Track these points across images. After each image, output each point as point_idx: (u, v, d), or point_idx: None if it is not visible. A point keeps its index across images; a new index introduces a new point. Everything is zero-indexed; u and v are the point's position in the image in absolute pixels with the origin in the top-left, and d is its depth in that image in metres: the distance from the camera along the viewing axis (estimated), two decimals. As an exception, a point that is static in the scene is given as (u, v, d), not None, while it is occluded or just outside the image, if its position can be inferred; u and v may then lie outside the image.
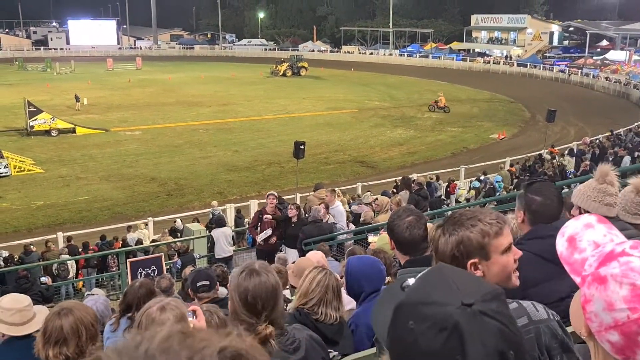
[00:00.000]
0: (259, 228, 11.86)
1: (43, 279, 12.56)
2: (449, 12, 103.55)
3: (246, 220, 18.87)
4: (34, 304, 3.95)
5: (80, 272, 16.05)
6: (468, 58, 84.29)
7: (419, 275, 1.36)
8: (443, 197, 20.99)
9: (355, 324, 3.90)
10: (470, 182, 22.89)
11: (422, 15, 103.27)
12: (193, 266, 10.79)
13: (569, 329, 2.02)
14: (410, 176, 17.18)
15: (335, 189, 13.83)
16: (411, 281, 1.72)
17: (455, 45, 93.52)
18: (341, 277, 6.09)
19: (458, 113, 46.67)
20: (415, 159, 32.02)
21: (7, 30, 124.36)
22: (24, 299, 3.85)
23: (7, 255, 15.42)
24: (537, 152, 27.19)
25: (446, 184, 22.25)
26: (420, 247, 3.03)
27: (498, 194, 18.52)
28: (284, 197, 14.95)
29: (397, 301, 1.29)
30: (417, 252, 3.00)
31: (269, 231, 11.71)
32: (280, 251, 11.55)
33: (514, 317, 1.30)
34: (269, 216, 11.72)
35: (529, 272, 2.82)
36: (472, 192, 20.83)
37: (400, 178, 17.48)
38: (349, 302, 4.90)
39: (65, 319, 2.87)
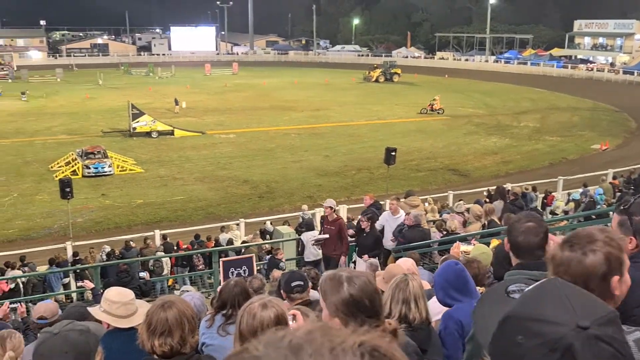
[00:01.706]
0: (320, 233, 12.11)
1: (142, 274, 13.11)
2: (550, 17, 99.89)
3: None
4: (131, 298, 4.13)
5: (172, 269, 16.64)
6: (569, 65, 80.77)
7: (532, 286, 1.29)
8: (539, 208, 20.19)
9: (444, 323, 3.91)
10: (569, 194, 21.90)
11: (522, 20, 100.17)
12: (282, 269, 10.94)
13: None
14: (504, 186, 16.66)
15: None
16: (513, 287, 1.65)
17: (555, 51, 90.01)
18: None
19: (557, 122, 44.92)
20: (510, 169, 31.05)
21: (114, 36, 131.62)
22: (128, 293, 4.04)
23: (109, 250, 16.24)
24: (644, 165, 25.67)
25: (543, 195, 21.38)
26: (535, 253, 2.95)
27: (599, 207, 17.60)
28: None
29: (501, 305, 1.25)
30: (531, 257, 2.93)
31: (326, 236, 11.84)
32: (354, 262, 11.64)
33: (627, 344, 1.24)
34: (324, 237, 11.93)
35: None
36: (571, 204, 19.90)
37: (494, 187, 16.99)
38: (440, 312, 4.80)
39: (169, 311, 2.97)
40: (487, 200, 16.28)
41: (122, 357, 3.40)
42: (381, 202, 14.37)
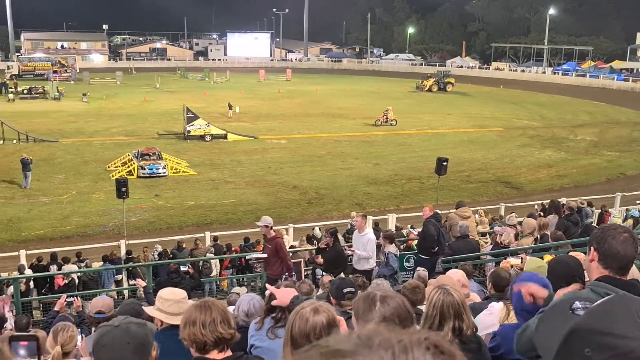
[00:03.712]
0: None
1: (183, 268, 13.09)
2: (611, 29, 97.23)
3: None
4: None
5: (223, 271, 16.83)
6: (631, 78, 78.35)
7: (600, 301, 1.28)
8: (595, 224, 19.59)
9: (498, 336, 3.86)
10: (627, 210, 21.19)
11: (581, 32, 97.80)
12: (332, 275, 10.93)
13: None
14: (559, 200, 16.26)
15: (366, 216, 12.88)
16: (578, 304, 1.63)
17: (616, 64, 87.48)
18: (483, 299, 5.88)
19: (616, 136, 43.62)
20: (564, 183, 30.29)
21: (172, 41, 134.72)
22: (181, 292, 4.20)
23: (161, 250, 16.58)
24: None
25: (599, 211, 20.76)
26: (628, 266, 2.87)
27: (658, 225, 16.96)
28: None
29: (565, 322, 1.25)
30: (622, 270, 2.85)
31: (264, 255, 10.93)
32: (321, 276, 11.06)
33: None
34: (263, 255, 11.00)
35: None
36: (630, 221, 19.23)
37: (548, 201, 16.60)
38: (490, 325, 4.72)
39: (211, 311, 3.04)
40: (541, 214, 15.93)
41: (173, 355, 3.48)
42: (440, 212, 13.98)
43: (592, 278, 2.93)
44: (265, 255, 10.91)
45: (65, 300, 7.43)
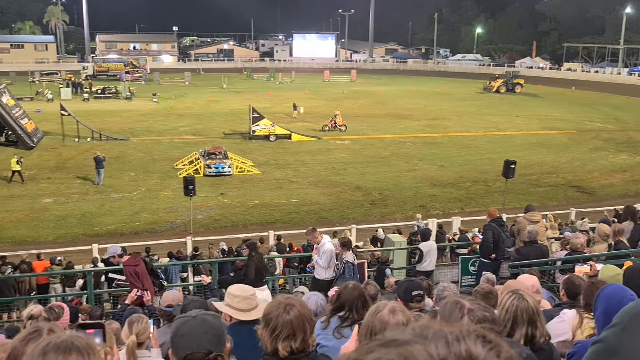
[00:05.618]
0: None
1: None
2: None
3: (447, 235, 18.55)
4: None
5: (282, 270, 16.97)
6: None
7: None
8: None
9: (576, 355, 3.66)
10: None
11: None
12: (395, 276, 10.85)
13: None
14: (635, 206, 15.57)
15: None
16: None
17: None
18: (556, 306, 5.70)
19: (697, 140, 41.50)
20: (640, 188, 29.06)
21: (239, 42, 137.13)
22: (249, 289, 4.27)
23: (226, 247, 16.88)
24: None
25: (677, 218, 19.76)
26: None
27: None
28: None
29: None
30: None
31: (122, 277, 10.41)
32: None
33: None
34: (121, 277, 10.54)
35: None
36: None
37: (622, 207, 15.94)
38: (562, 333, 4.58)
39: (292, 312, 3.00)
40: (615, 220, 15.31)
41: (242, 350, 3.51)
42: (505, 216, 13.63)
43: None
44: (123, 277, 10.55)
45: (135, 294, 7.66)
